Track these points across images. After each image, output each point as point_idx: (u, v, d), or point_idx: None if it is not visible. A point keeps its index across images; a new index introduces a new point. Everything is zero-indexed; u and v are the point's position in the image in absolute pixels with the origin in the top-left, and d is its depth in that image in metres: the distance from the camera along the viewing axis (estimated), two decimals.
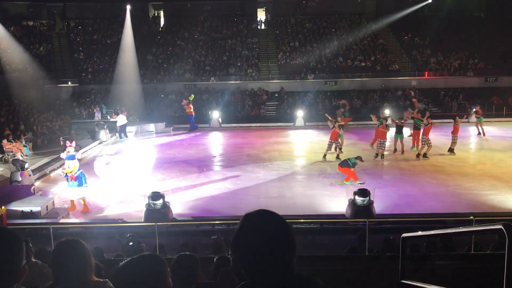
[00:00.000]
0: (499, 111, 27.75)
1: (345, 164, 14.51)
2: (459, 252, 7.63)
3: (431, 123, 18.06)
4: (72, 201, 12.65)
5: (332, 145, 17.71)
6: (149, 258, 2.05)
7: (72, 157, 12.52)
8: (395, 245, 7.58)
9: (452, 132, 18.33)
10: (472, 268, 5.25)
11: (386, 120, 18.13)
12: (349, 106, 26.24)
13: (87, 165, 18.05)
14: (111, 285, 2.46)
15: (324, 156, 17.62)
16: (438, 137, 20.58)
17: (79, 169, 12.53)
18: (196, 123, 26.28)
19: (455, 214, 11.30)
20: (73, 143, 14.43)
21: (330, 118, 18.95)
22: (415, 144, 18.87)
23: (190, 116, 25.66)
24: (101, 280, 2.48)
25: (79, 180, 12.40)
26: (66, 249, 2.42)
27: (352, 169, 14.39)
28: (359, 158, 14.63)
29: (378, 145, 17.63)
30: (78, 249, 2.43)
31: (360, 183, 14.08)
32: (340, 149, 17.86)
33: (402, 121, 18.69)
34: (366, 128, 24.67)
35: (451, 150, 18.34)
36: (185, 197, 13.51)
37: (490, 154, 18.53)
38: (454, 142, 18.33)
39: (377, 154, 17.64)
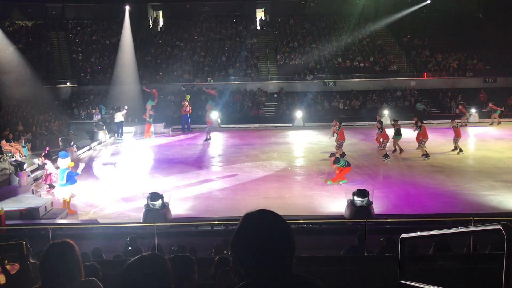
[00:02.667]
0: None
1: (338, 162, 14.57)
2: (458, 252, 7.64)
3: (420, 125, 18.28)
4: (64, 201, 12.61)
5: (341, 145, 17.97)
6: (154, 258, 2.06)
7: (66, 155, 12.55)
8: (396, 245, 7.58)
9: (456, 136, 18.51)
10: (471, 268, 5.25)
11: (381, 124, 18.38)
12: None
13: (86, 165, 18.05)
14: (98, 283, 2.53)
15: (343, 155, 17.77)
16: (437, 137, 20.63)
17: (66, 169, 12.49)
18: (194, 123, 26.20)
19: (454, 215, 11.31)
20: (46, 149, 14.82)
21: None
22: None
23: (185, 116, 25.49)
24: (87, 279, 2.52)
25: (70, 179, 12.38)
26: (57, 252, 2.43)
27: (341, 167, 14.46)
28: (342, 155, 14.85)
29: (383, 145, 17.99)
30: (68, 252, 2.45)
31: (344, 183, 14.30)
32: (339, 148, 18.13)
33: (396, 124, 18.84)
34: (365, 129, 24.72)
35: (459, 149, 18.47)
36: (184, 198, 13.50)
37: (488, 154, 18.55)
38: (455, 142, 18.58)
39: (385, 154, 17.84)
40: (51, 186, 14.24)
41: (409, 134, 19.35)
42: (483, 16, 38.36)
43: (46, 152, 15.17)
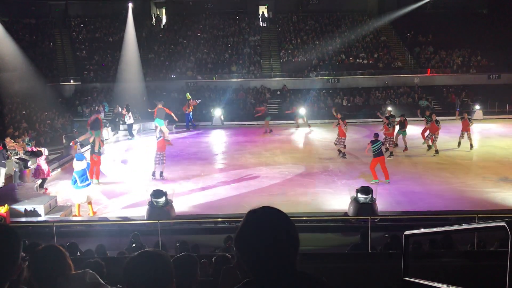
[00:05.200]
0: (502, 108, 27.66)
1: (375, 143, 14.31)
2: (462, 249, 7.63)
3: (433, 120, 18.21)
4: (78, 206, 12.11)
5: (343, 141, 17.93)
6: (155, 253, 2.07)
7: (81, 158, 12.33)
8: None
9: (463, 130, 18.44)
10: (476, 265, 5.25)
11: (388, 119, 18.27)
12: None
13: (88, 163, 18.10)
14: (92, 273, 2.67)
15: (342, 152, 17.81)
16: (441, 134, 20.56)
17: (83, 169, 12.09)
18: (198, 121, 26.21)
19: (458, 212, 11.29)
20: (43, 148, 14.73)
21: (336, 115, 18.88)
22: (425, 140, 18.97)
23: (187, 115, 25.49)
24: (80, 271, 2.66)
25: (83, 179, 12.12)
26: (40, 257, 2.62)
27: (375, 158, 14.30)
28: (375, 135, 14.52)
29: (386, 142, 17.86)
30: (55, 255, 2.63)
31: (374, 182, 14.18)
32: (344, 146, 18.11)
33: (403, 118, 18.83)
34: (368, 126, 24.67)
35: (470, 145, 18.49)
36: (187, 195, 13.53)
37: (493, 151, 18.50)
38: (469, 138, 18.53)
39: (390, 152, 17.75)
40: (44, 181, 14.24)
41: (413, 130, 19.34)
42: (487, 12, 38.14)
43: (37, 150, 14.89)
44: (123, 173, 16.63)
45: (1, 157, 14.93)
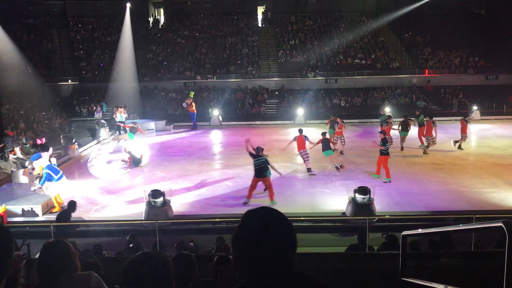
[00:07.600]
0: (500, 109, 27.72)
1: (385, 143, 14.67)
2: (460, 250, 7.64)
3: (427, 120, 18.26)
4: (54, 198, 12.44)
5: (342, 140, 18.26)
6: (154, 254, 2.07)
7: (37, 156, 12.35)
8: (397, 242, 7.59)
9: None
10: (473, 266, 5.26)
11: (390, 118, 18.37)
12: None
13: (87, 163, 18.10)
14: (96, 276, 2.63)
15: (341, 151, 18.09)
16: (438, 134, 20.59)
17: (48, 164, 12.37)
18: (196, 121, 26.22)
19: (455, 212, 11.31)
20: (43, 140, 14.52)
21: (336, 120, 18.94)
22: (422, 142, 19.02)
23: (192, 114, 25.51)
24: (85, 272, 2.63)
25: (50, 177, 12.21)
26: (50, 251, 2.56)
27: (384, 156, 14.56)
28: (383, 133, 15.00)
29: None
30: (61, 250, 2.58)
31: (386, 181, 14.28)
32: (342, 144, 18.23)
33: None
34: (366, 126, 24.70)
35: (459, 145, 18.64)
36: (185, 195, 13.52)
37: (490, 152, 18.53)
38: (462, 139, 18.63)
39: None
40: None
41: (412, 130, 19.34)
42: (485, 13, 38.23)
43: (43, 143, 14.91)
44: (121, 172, 16.60)
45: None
